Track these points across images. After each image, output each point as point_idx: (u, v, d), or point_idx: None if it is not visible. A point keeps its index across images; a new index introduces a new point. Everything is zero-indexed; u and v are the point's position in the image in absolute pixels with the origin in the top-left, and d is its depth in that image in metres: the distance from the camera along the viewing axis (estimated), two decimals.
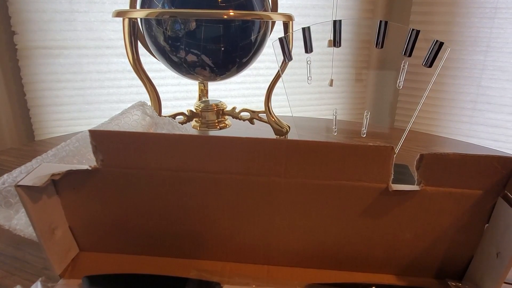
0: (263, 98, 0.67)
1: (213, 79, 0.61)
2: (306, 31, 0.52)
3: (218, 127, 0.68)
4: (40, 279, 0.31)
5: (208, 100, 0.70)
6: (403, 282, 0.34)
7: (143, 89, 0.63)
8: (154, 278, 0.33)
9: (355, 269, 0.35)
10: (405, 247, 0.33)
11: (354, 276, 0.34)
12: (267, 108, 0.68)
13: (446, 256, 0.33)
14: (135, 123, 0.53)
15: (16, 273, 0.35)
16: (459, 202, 0.30)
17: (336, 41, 0.52)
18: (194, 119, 0.68)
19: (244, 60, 0.59)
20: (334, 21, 0.51)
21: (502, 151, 0.73)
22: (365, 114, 0.58)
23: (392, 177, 0.30)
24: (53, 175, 0.30)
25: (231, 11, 0.52)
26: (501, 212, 0.29)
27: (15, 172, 0.43)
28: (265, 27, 0.59)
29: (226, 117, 0.70)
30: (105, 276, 0.33)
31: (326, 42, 0.54)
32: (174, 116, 0.66)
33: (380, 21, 0.48)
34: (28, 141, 1.24)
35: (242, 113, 0.70)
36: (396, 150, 0.29)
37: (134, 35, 0.58)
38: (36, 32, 1.12)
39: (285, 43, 0.55)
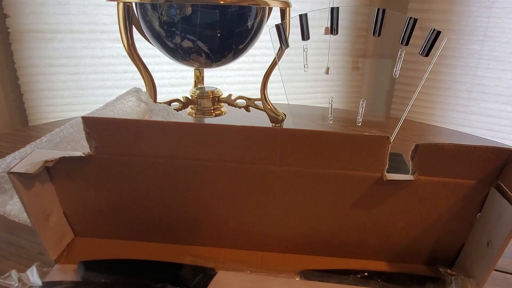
0: (259, 86, 0.67)
1: (209, 65, 0.61)
2: (303, 18, 0.52)
3: (213, 114, 0.67)
4: (35, 264, 0.31)
5: (204, 87, 0.70)
6: (395, 268, 0.34)
7: (138, 75, 0.62)
8: (149, 263, 0.33)
9: (348, 256, 0.35)
10: (398, 235, 0.33)
11: (347, 263, 0.35)
12: (263, 95, 0.67)
13: (437, 244, 0.33)
14: (130, 110, 0.52)
15: (11, 258, 0.35)
16: (452, 192, 0.31)
17: (333, 29, 0.51)
18: (190, 106, 0.68)
19: (241, 46, 0.59)
20: (332, 8, 0.50)
21: (495, 140, 0.73)
22: (361, 102, 0.58)
23: (387, 166, 0.30)
24: (46, 162, 0.30)
25: None
26: (493, 202, 0.30)
27: (9, 158, 0.43)
28: (262, 13, 0.58)
29: (222, 104, 0.69)
30: (100, 261, 0.33)
31: (323, 30, 0.54)
32: (169, 103, 0.66)
33: (378, 9, 0.48)
34: (21, 127, 1.23)
35: (238, 101, 0.70)
36: (391, 139, 0.29)
37: (129, 19, 0.57)
38: (28, 15, 1.10)
39: (281, 30, 0.54)
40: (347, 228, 0.33)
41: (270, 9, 0.63)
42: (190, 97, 0.67)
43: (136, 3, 0.56)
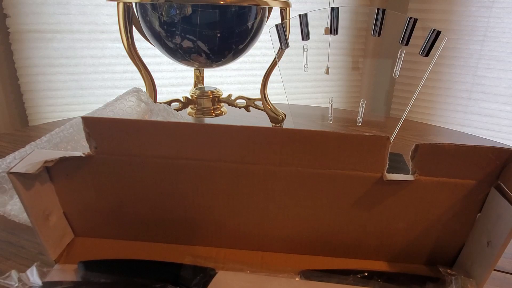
0: (259, 86, 0.67)
1: (209, 65, 0.61)
2: (303, 18, 0.52)
3: (213, 114, 0.67)
4: (35, 264, 0.31)
5: (204, 87, 0.70)
6: (395, 268, 0.34)
7: (138, 75, 0.62)
8: (149, 263, 0.33)
9: (348, 256, 0.35)
10: (398, 235, 0.33)
11: (347, 263, 0.35)
12: (263, 95, 0.67)
13: (437, 244, 0.33)
14: (130, 110, 0.52)
15: (11, 258, 0.35)
16: (452, 192, 0.31)
17: (333, 29, 0.51)
18: (190, 106, 0.68)
19: (241, 46, 0.59)
20: (332, 8, 0.50)
21: (495, 140, 0.73)
22: (361, 102, 0.58)
23: (387, 166, 0.30)
24: (46, 162, 0.30)
25: None
26: (493, 202, 0.30)
27: (9, 158, 0.43)
28: (262, 13, 0.58)
29: (222, 104, 0.69)
30: (100, 261, 0.33)
31: (323, 30, 0.54)
32: (169, 103, 0.66)
33: (378, 9, 0.48)
34: (21, 127, 1.23)
35: (238, 101, 0.70)
36: (391, 139, 0.29)
37: (129, 19, 0.57)
38: (28, 15, 1.10)
39: (281, 30, 0.54)
40: (347, 228, 0.33)
41: (270, 9, 0.63)
42: (190, 97, 0.67)
43: (136, 3, 0.56)
